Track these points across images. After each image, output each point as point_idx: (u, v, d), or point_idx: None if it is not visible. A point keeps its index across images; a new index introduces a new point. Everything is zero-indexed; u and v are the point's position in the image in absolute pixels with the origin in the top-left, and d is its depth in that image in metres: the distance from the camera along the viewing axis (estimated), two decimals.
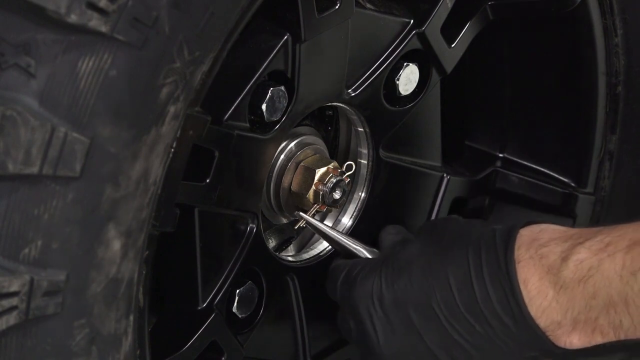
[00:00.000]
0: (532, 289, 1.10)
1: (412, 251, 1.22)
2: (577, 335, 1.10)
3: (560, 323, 1.10)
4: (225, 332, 1.26)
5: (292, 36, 1.21)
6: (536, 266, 1.10)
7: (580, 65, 1.52)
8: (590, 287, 1.07)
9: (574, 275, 1.07)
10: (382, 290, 1.20)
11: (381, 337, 1.21)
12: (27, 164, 0.89)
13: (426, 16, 1.37)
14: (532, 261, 1.11)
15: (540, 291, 1.10)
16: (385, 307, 1.20)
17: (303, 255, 1.43)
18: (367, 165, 1.44)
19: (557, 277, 1.09)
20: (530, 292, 1.10)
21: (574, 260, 1.08)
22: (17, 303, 0.91)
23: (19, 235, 0.91)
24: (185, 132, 1.03)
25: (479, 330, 1.13)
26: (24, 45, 0.87)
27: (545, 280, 1.09)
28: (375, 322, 1.21)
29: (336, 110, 1.43)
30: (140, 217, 1.00)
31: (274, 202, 1.34)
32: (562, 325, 1.10)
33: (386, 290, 1.20)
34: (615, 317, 1.07)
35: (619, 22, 1.50)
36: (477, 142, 1.63)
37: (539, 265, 1.10)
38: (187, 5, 0.95)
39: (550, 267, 1.09)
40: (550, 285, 1.09)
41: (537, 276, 1.10)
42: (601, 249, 1.07)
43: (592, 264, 1.07)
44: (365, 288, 1.22)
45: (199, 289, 1.24)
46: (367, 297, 1.22)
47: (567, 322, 1.10)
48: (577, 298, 1.07)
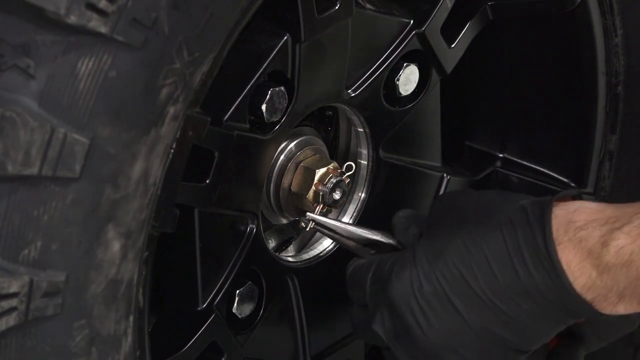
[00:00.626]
0: (575, 270, 1.11)
1: (442, 237, 1.20)
2: (624, 305, 1.11)
3: (607, 296, 1.11)
4: (225, 333, 1.26)
5: (292, 36, 1.20)
6: (576, 249, 1.11)
7: (580, 65, 1.52)
8: (633, 270, 1.08)
9: (616, 261, 1.09)
10: (420, 282, 1.18)
11: (425, 328, 1.18)
12: (27, 165, 0.89)
13: (426, 16, 1.37)
14: (572, 244, 1.11)
15: (583, 272, 1.10)
16: (427, 298, 1.18)
17: (303, 256, 1.43)
18: (367, 166, 1.44)
19: (598, 261, 1.10)
20: (574, 273, 1.11)
21: (614, 246, 1.09)
22: (16, 304, 0.91)
23: (18, 236, 0.91)
24: (185, 132, 1.03)
25: (523, 306, 1.14)
26: (24, 46, 0.87)
27: (587, 263, 1.10)
28: (418, 315, 1.19)
29: (336, 110, 1.43)
30: (139, 218, 1.00)
31: (274, 202, 1.34)
32: (608, 298, 1.11)
33: (425, 282, 1.18)
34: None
35: (619, 22, 1.50)
36: (477, 142, 1.63)
37: (578, 248, 1.11)
38: (186, 6, 0.95)
39: (590, 251, 1.10)
40: (593, 267, 1.10)
41: (578, 258, 1.10)
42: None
43: (633, 250, 1.08)
44: (403, 283, 1.20)
45: (199, 289, 1.24)
46: (406, 292, 1.19)
47: (613, 296, 1.11)
48: (622, 279, 1.09)
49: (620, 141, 1.59)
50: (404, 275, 1.20)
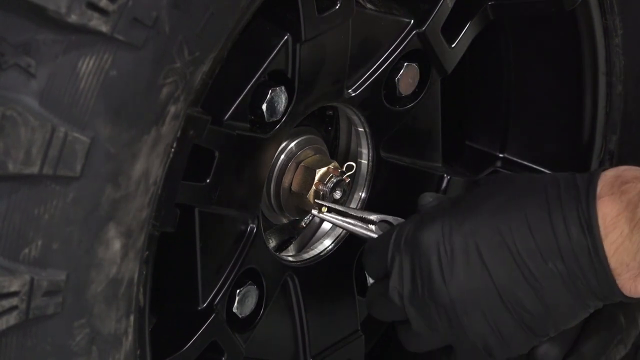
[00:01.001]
0: (609, 224, 1.10)
1: (482, 194, 1.18)
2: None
3: (629, 265, 1.09)
4: (225, 332, 1.26)
5: (293, 36, 1.20)
6: (615, 202, 1.10)
7: (580, 65, 1.53)
8: None
9: None
10: (451, 231, 1.15)
11: (448, 278, 1.15)
12: (27, 164, 0.89)
13: (426, 16, 1.37)
14: (614, 197, 1.10)
15: (617, 227, 1.09)
16: (455, 247, 1.15)
17: (303, 255, 1.43)
18: (367, 165, 1.44)
19: (633, 214, 1.09)
20: (607, 228, 1.10)
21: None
22: (17, 303, 0.91)
23: (19, 235, 0.91)
24: (186, 132, 1.03)
25: (552, 268, 1.12)
26: (24, 45, 0.87)
27: (622, 217, 1.09)
28: (444, 263, 1.15)
29: (336, 110, 1.43)
30: (140, 217, 1.00)
31: (274, 202, 1.34)
32: (630, 268, 1.10)
33: (456, 231, 1.15)
34: None
35: (619, 22, 1.50)
36: (477, 142, 1.63)
37: (618, 201, 1.10)
38: (187, 5, 0.95)
39: (629, 203, 1.09)
40: (627, 222, 1.09)
41: (615, 211, 1.10)
42: None
43: None
44: (433, 230, 1.16)
45: (199, 289, 1.24)
46: (435, 238, 1.16)
47: (635, 265, 1.09)
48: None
49: (620, 141, 1.59)
50: (435, 225, 1.17)
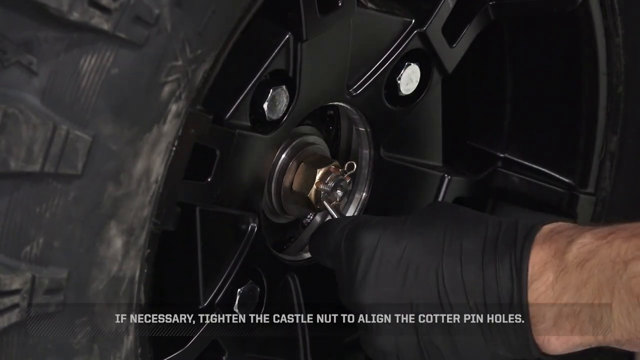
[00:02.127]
0: (536, 271, 1.11)
1: (428, 217, 1.20)
2: (556, 332, 1.10)
3: (545, 316, 1.10)
4: (226, 331, 1.26)
5: (294, 35, 1.21)
6: (546, 249, 1.11)
7: (581, 65, 1.53)
8: (585, 272, 1.07)
9: (575, 259, 1.08)
10: (389, 242, 1.18)
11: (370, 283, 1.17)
12: (29, 161, 0.89)
13: (427, 16, 1.37)
14: (544, 245, 1.11)
15: (543, 274, 1.10)
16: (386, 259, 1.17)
17: (304, 255, 1.43)
18: (368, 165, 1.44)
19: (560, 260, 1.10)
20: (534, 275, 1.11)
21: (578, 244, 1.09)
22: (18, 301, 0.91)
23: (20, 233, 0.91)
24: (187, 130, 1.03)
25: (472, 307, 1.13)
26: (26, 43, 0.87)
27: (550, 264, 1.10)
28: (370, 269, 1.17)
29: (337, 109, 1.43)
30: (141, 216, 1.00)
31: (275, 201, 1.34)
32: (547, 319, 1.10)
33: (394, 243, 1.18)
34: (597, 312, 1.07)
35: (620, 22, 1.50)
36: (478, 142, 1.63)
37: (548, 248, 1.11)
38: (189, 4, 0.95)
39: (557, 250, 1.10)
40: (552, 269, 1.10)
41: (544, 259, 1.11)
42: (604, 235, 1.08)
43: (592, 248, 1.08)
44: (373, 235, 1.19)
45: (200, 287, 1.24)
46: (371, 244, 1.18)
47: (552, 316, 1.10)
48: (571, 284, 1.08)
49: (621, 141, 1.59)
50: (377, 230, 1.19)
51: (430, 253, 1.16)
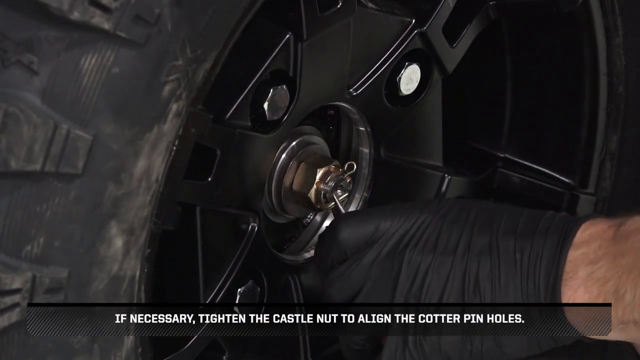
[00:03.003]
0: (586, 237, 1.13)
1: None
2: (582, 292, 1.11)
3: (578, 273, 1.11)
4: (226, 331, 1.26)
5: (294, 35, 1.21)
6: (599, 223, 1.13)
7: (581, 65, 1.53)
8: (628, 243, 1.08)
9: (624, 231, 1.10)
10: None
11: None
12: (30, 161, 0.89)
13: (428, 16, 1.37)
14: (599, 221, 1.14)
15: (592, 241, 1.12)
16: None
17: (304, 254, 1.43)
18: (368, 165, 1.44)
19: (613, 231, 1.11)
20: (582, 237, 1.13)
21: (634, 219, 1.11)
22: (19, 300, 0.91)
23: (21, 232, 0.91)
24: (187, 130, 1.03)
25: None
26: (27, 42, 0.87)
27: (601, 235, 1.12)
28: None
29: (338, 109, 1.43)
30: (142, 215, 1.00)
31: (276, 201, 1.34)
32: (578, 277, 1.11)
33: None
34: (623, 286, 1.08)
35: (620, 22, 1.50)
36: (478, 142, 1.63)
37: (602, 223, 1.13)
38: (189, 3, 0.95)
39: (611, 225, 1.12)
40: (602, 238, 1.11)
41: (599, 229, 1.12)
42: None
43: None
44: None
45: (201, 287, 1.24)
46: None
47: (584, 275, 1.11)
48: (611, 252, 1.09)
49: (621, 141, 1.59)
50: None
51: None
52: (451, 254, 1.17)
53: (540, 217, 1.18)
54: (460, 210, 1.20)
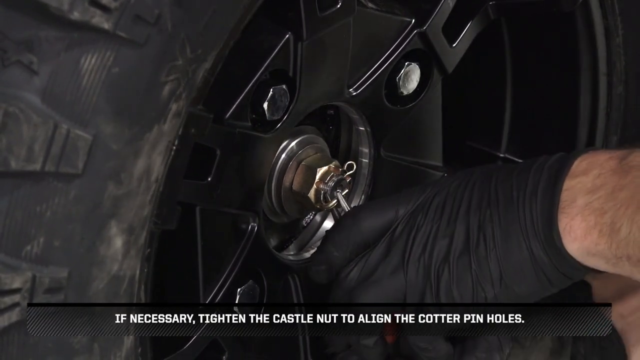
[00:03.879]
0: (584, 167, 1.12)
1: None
2: (579, 220, 1.10)
3: (576, 201, 1.10)
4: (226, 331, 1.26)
5: (294, 35, 1.21)
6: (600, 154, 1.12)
7: (581, 65, 1.53)
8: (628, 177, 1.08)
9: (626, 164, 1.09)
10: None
11: None
12: (30, 161, 0.89)
13: (428, 16, 1.37)
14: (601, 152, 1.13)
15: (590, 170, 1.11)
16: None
17: (304, 255, 1.43)
18: (368, 165, 1.44)
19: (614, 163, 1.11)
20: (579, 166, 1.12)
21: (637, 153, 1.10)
22: (19, 300, 0.91)
23: (21, 232, 0.91)
24: (187, 130, 1.03)
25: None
26: (27, 42, 0.87)
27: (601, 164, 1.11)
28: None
29: (337, 109, 1.43)
30: (142, 215, 1.00)
31: (275, 201, 1.34)
32: (576, 205, 1.10)
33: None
34: (620, 219, 1.07)
35: (620, 22, 1.50)
36: (478, 141, 1.63)
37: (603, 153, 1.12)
38: (189, 3, 0.95)
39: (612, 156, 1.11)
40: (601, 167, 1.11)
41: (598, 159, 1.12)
42: None
43: None
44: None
45: (200, 287, 1.24)
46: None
47: (581, 204, 1.10)
48: (610, 183, 1.09)
49: (621, 142, 1.59)
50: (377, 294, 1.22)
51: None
52: (455, 215, 1.18)
53: (538, 159, 1.18)
54: (464, 176, 1.23)
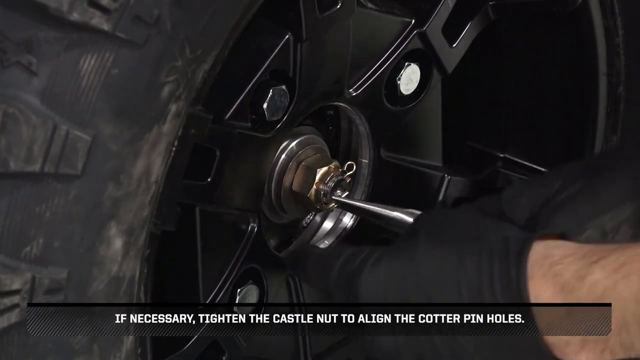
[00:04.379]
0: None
1: (422, 248, 1.18)
2: (586, 354, 1.08)
3: (569, 342, 1.08)
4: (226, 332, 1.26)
5: (294, 35, 1.21)
6: (549, 283, 1.08)
7: (581, 65, 1.53)
8: (604, 309, 1.04)
9: (588, 296, 1.05)
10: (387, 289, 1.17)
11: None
12: (29, 161, 0.89)
13: (427, 16, 1.37)
14: (545, 279, 1.08)
15: (552, 309, 1.08)
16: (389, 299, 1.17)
17: None
18: (368, 165, 1.44)
19: (570, 296, 1.07)
20: (542, 310, 1.08)
21: (589, 281, 1.05)
22: (18, 301, 0.91)
23: (20, 233, 0.91)
24: (187, 130, 1.03)
25: (485, 339, 1.12)
26: (26, 43, 0.87)
27: (559, 299, 1.07)
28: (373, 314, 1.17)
29: (337, 109, 1.43)
30: (141, 216, 1.00)
31: (275, 201, 1.34)
32: (571, 344, 1.08)
33: (393, 289, 1.17)
34: (627, 338, 1.04)
35: (620, 22, 1.50)
36: (478, 142, 1.63)
37: (552, 282, 1.08)
38: (189, 4, 0.95)
39: (564, 286, 1.07)
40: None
41: (549, 293, 1.08)
42: (616, 269, 1.04)
43: (606, 286, 1.04)
44: (372, 282, 1.18)
45: (200, 287, 1.24)
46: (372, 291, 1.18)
47: (576, 341, 1.08)
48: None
49: (621, 142, 1.59)
50: (375, 274, 1.18)
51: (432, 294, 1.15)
52: None
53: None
54: None
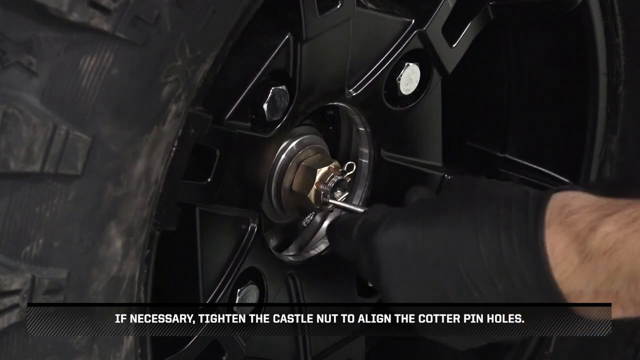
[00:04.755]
0: (558, 254, 1.10)
1: (440, 205, 1.20)
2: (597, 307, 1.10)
3: (582, 292, 1.09)
4: (226, 332, 1.26)
5: (294, 35, 1.21)
6: (564, 232, 1.10)
7: (581, 65, 1.53)
8: (614, 261, 1.06)
9: (600, 247, 1.07)
10: (404, 240, 1.18)
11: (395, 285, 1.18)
12: (29, 162, 0.89)
13: (427, 16, 1.37)
14: (561, 227, 1.10)
15: (566, 257, 1.09)
16: (406, 258, 1.17)
17: (304, 255, 1.43)
18: (368, 165, 1.44)
19: (583, 246, 1.08)
20: (557, 258, 1.10)
21: (601, 232, 1.07)
22: (18, 301, 0.91)
23: (20, 233, 0.91)
24: (187, 131, 1.03)
25: (500, 288, 1.13)
26: (26, 43, 0.87)
27: (572, 248, 1.09)
28: (393, 271, 1.18)
29: (337, 110, 1.43)
30: (141, 216, 1.00)
31: (275, 201, 1.34)
32: (584, 295, 1.09)
33: (409, 241, 1.17)
34: (637, 293, 1.06)
35: (620, 22, 1.50)
36: (478, 142, 1.63)
37: (567, 232, 1.10)
38: (189, 4, 0.95)
39: (577, 235, 1.09)
40: (576, 253, 1.09)
41: (564, 242, 1.09)
42: (628, 223, 1.06)
43: (618, 238, 1.06)
44: (388, 235, 1.19)
45: (200, 288, 1.24)
46: (388, 245, 1.19)
47: (589, 292, 1.09)
48: (601, 269, 1.07)
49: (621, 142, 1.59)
50: (390, 230, 1.19)
51: (449, 248, 1.15)
52: None
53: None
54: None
